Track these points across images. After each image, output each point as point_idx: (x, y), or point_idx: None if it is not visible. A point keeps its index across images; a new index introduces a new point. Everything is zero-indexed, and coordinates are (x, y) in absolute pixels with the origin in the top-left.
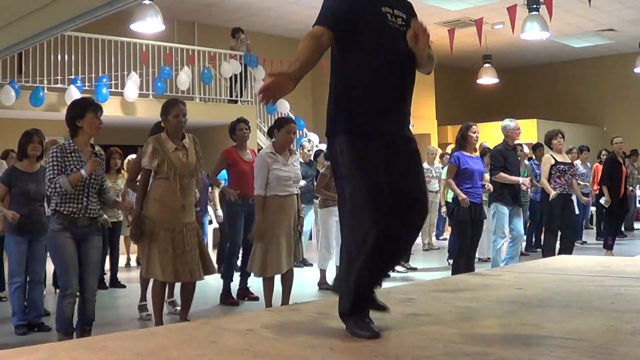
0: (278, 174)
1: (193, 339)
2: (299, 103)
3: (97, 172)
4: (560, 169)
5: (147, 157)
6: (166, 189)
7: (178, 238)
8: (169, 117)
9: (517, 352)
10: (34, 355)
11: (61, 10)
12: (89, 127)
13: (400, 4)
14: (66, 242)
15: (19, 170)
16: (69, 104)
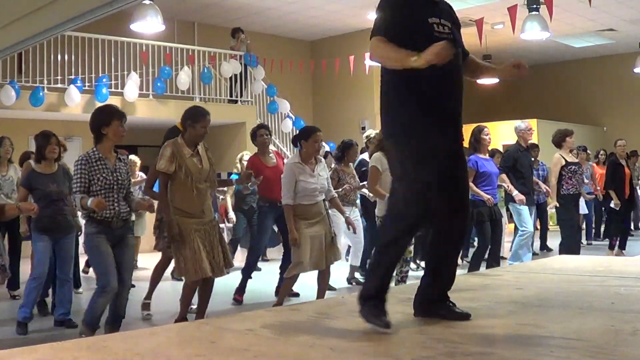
0: (305, 186)
1: (193, 339)
2: (299, 103)
3: (124, 177)
4: (571, 170)
5: (165, 161)
6: (184, 195)
7: (204, 237)
8: (197, 125)
9: (517, 352)
10: (34, 355)
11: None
12: (114, 134)
13: (445, 13)
14: (102, 243)
15: (37, 172)
16: (94, 111)
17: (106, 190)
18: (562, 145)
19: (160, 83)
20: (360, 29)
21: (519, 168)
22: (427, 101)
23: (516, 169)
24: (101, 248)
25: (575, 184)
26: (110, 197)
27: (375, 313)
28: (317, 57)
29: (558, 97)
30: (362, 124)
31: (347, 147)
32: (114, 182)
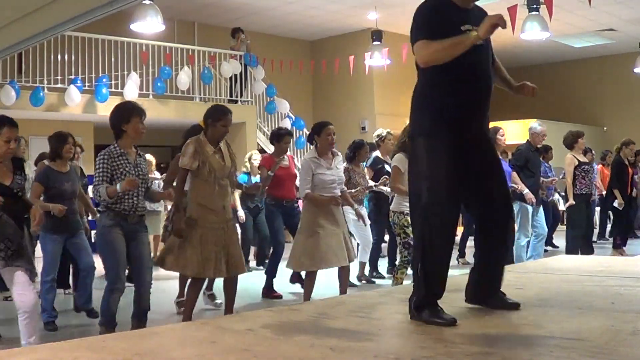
0: (323, 178)
1: (193, 339)
2: (299, 103)
3: (144, 172)
4: (584, 170)
5: (188, 158)
6: (207, 191)
7: (224, 236)
8: (217, 124)
9: (517, 352)
10: (34, 355)
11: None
12: (133, 131)
13: (478, 20)
14: (117, 237)
15: (54, 170)
16: (114, 107)
17: None
18: (574, 146)
19: (160, 83)
20: (360, 29)
21: (530, 167)
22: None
23: (527, 168)
24: (115, 243)
25: (587, 183)
26: (130, 191)
27: (436, 315)
28: (317, 57)
29: (558, 97)
30: (362, 124)
31: (359, 147)
32: (136, 177)
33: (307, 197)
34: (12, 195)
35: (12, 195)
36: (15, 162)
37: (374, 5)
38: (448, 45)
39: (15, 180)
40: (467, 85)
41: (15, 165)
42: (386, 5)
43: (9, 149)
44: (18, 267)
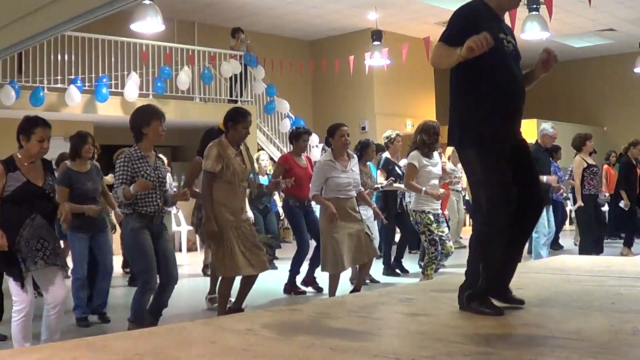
0: (338, 182)
1: (193, 339)
2: (299, 103)
3: (164, 174)
4: (592, 171)
5: (212, 161)
6: (229, 193)
7: (245, 234)
8: (238, 126)
9: (517, 352)
10: (34, 355)
11: (61, 10)
12: (153, 134)
13: (510, 31)
14: (146, 239)
15: (74, 170)
16: (134, 110)
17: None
18: (582, 148)
19: (160, 83)
20: (360, 28)
21: (539, 168)
22: (503, 111)
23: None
24: (144, 245)
25: (595, 184)
26: (152, 194)
27: (486, 305)
28: (317, 57)
29: (558, 97)
30: (362, 124)
31: (365, 147)
32: (156, 179)
33: (314, 198)
34: (44, 196)
35: (45, 196)
36: (45, 164)
37: (374, 5)
38: (445, 54)
39: (47, 181)
40: (511, 94)
41: (45, 167)
42: (386, 5)
43: (42, 149)
44: (55, 265)
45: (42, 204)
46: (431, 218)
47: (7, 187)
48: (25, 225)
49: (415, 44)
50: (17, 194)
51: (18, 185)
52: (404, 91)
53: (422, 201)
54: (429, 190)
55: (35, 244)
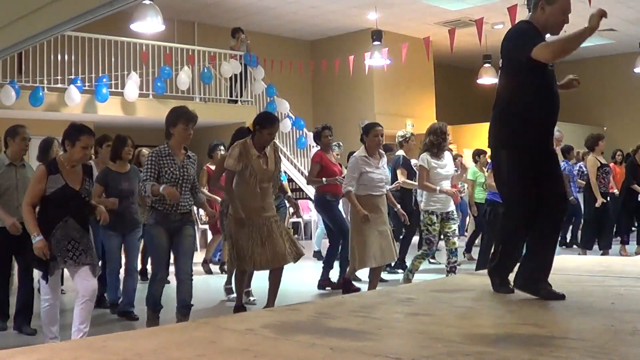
0: (372, 177)
1: (193, 339)
2: (299, 103)
3: (189, 172)
4: (605, 170)
5: (233, 160)
6: (247, 192)
7: (263, 230)
8: (264, 131)
9: (517, 351)
10: (34, 355)
11: (61, 10)
12: (178, 135)
13: None
14: (160, 234)
15: (113, 171)
16: (169, 110)
17: (172, 183)
18: (595, 148)
19: (160, 83)
20: (360, 28)
21: None
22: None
23: None
24: (157, 240)
25: (606, 183)
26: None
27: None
28: (317, 57)
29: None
30: (362, 124)
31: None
32: (180, 177)
33: (348, 194)
34: (79, 200)
35: (80, 200)
36: (85, 169)
37: (374, 5)
38: (572, 37)
39: (84, 185)
40: (547, 102)
41: (85, 171)
42: (386, 5)
43: (84, 155)
44: (85, 264)
45: (76, 206)
46: (433, 219)
47: (48, 188)
48: (58, 226)
49: (415, 44)
50: (54, 196)
51: (57, 187)
52: (404, 91)
53: (432, 202)
54: (444, 189)
55: (66, 245)
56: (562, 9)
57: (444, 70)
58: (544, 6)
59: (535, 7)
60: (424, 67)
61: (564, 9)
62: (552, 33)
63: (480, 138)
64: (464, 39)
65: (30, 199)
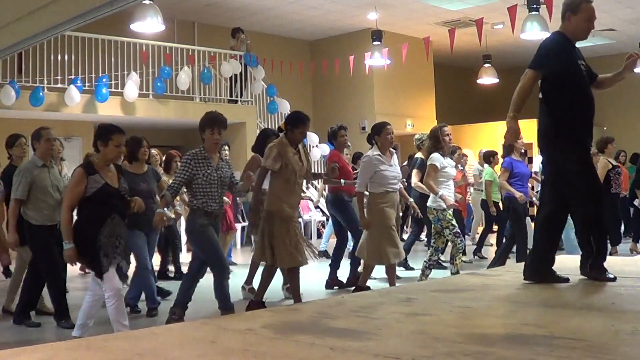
0: (386, 174)
1: (193, 339)
2: (299, 103)
3: (225, 175)
4: (617, 172)
5: (271, 160)
6: (287, 189)
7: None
8: (296, 131)
9: (517, 351)
10: (34, 355)
11: (61, 10)
12: (208, 140)
13: (582, 55)
14: (213, 234)
15: (129, 172)
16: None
17: (209, 185)
18: (605, 150)
19: (160, 83)
20: (360, 28)
21: None
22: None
23: None
24: (213, 239)
25: (619, 184)
26: (212, 192)
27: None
28: (317, 57)
29: None
30: (362, 124)
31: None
32: (217, 179)
33: (359, 194)
34: (120, 197)
35: (120, 197)
36: (116, 167)
37: (374, 5)
38: (517, 97)
39: (121, 183)
40: (588, 108)
41: (118, 170)
42: (386, 5)
43: (119, 153)
44: (125, 261)
45: (118, 204)
46: (448, 215)
47: (89, 188)
48: (106, 224)
49: (415, 44)
50: (97, 195)
51: (98, 187)
52: (404, 91)
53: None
54: (445, 195)
55: (114, 241)
56: (585, 18)
57: (444, 70)
58: (570, 16)
59: (563, 17)
60: (424, 67)
61: (588, 17)
62: (580, 39)
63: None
64: (464, 39)
65: (70, 201)
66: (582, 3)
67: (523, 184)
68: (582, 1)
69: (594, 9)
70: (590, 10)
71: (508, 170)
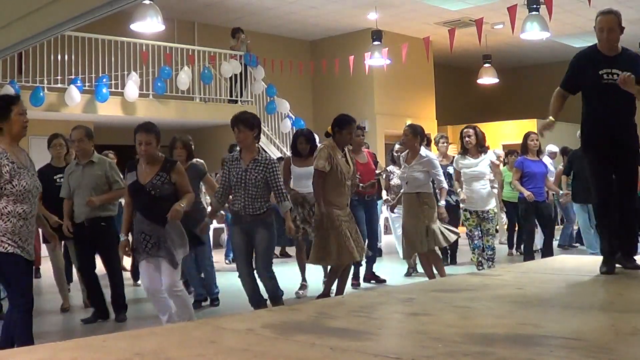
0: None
1: (193, 339)
2: (299, 103)
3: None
4: None
5: (323, 161)
6: (337, 190)
7: (349, 226)
8: (343, 132)
9: (517, 351)
10: (34, 355)
11: (61, 10)
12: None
13: (626, 62)
14: (235, 232)
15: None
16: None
17: (237, 185)
18: None
19: (161, 83)
20: (360, 28)
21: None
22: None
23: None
24: (233, 237)
25: None
26: (239, 193)
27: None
28: (317, 57)
29: None
30: (362, 124)
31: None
32: (244, 180)
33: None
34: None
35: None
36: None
37: (374, 5)
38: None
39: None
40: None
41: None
42: (386, 5)
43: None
44: (160, 257)
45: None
46: (467, 215)
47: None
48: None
49: (415, 44)
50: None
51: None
52: (404, 91)
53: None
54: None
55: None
56: (598, 29)
57: (444, 70)
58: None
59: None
60: (424, 67)
61: (599, 27)
62: (602, 48)
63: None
64: (464, 39)
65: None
66: (597, 16)
67: (534, 183)
68: (598, 14)
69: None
70: (601, 23)
71: (519, 170)
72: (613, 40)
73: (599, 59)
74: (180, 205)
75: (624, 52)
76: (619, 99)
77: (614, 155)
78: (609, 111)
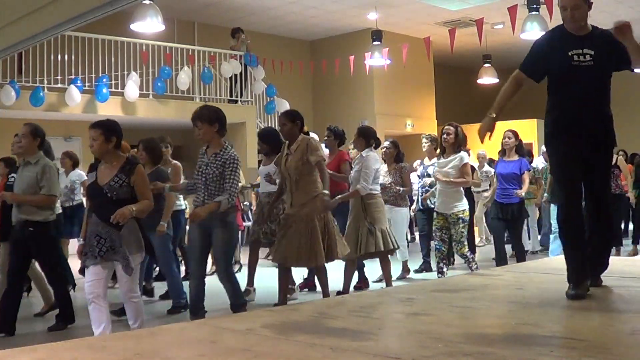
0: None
1: (193, 339)
2: (299, 103)
3: (207, 171)
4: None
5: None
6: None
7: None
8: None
9: (517, 351)
10: (34, 355)
11: (61, 10)
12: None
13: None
14: (191, 229)
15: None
16: None
17: (198, 180)
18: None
19: (161, 83)
20: (360, 28)
21: None
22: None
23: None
24: (190, 234)
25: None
26: (200, 188)
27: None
28: (317, 57)
29: None
30: (362, 124)
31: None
32: (204, 175)
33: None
34: (103, 196)
35: (104, 196)
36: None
37: (374, 5)
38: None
39: (109, 182)
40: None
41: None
42: (386, 5)
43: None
44: (115, 261)
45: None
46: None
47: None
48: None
49: (415, 44)
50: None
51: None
52: (404, 91)
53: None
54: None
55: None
56: (561, 7)
57: (444, 70)
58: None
59: None
60: (424, 67)
61: (562, 5)
62: (570, 28)
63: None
64: (464, 39)
65: None
66: None
67: (501, 185)
68: None
69: None
70: (561, 0)
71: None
72: (580, 19)
73: (567, 39)
74: (131, 209)
75: (595, 31)
76: (591, 85)
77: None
78: (580, 100)
